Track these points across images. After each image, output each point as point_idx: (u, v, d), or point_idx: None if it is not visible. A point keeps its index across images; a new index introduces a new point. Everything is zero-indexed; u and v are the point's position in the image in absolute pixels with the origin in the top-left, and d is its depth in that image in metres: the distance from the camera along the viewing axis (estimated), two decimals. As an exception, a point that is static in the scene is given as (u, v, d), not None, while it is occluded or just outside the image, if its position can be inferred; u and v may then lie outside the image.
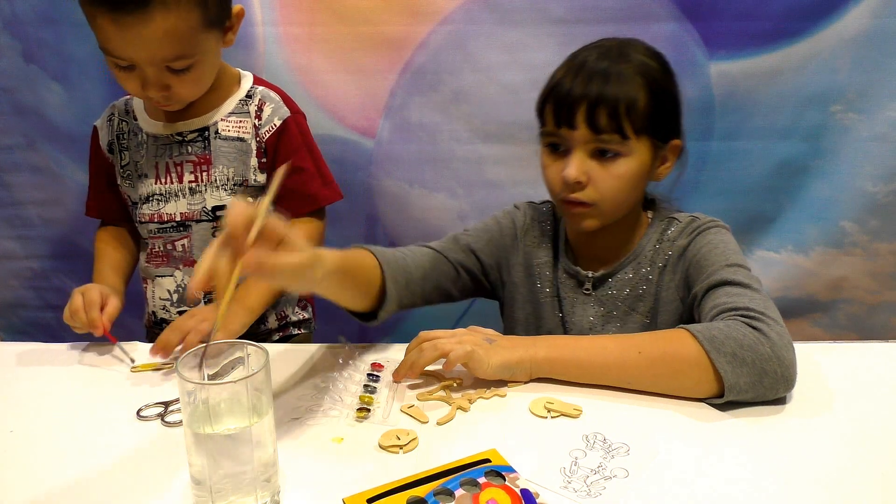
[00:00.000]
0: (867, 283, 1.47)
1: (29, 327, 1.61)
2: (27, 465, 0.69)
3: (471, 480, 0.63)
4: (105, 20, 0.88)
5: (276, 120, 1.06)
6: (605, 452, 0.69)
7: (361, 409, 0.75)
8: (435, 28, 1.35)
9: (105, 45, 0.92)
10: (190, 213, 1.06)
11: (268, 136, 1.06)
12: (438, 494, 0.61)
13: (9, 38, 1.38)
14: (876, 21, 1.31)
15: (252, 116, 1.07)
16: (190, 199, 1.06)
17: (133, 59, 0.92)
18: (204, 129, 1.05)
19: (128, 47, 0.90)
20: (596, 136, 0.89)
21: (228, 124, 1.06)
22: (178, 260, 1.08)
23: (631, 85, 0.89)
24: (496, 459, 0.66)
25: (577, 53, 0.95)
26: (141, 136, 1.07)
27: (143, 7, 0.86)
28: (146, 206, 1.07)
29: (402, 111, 1.41)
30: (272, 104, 1.07)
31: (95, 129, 1.12)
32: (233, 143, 1.05)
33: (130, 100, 1.10)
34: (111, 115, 1.11)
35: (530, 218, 1.08)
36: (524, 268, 1.06)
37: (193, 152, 1.05)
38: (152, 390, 0.82)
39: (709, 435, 0.72)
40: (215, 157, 1.05)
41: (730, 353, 0.74)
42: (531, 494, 0.61)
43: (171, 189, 1.06)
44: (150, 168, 1.06)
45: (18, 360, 0.91)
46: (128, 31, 0.88)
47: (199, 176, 1.06)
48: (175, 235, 1.07)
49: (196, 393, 0.57)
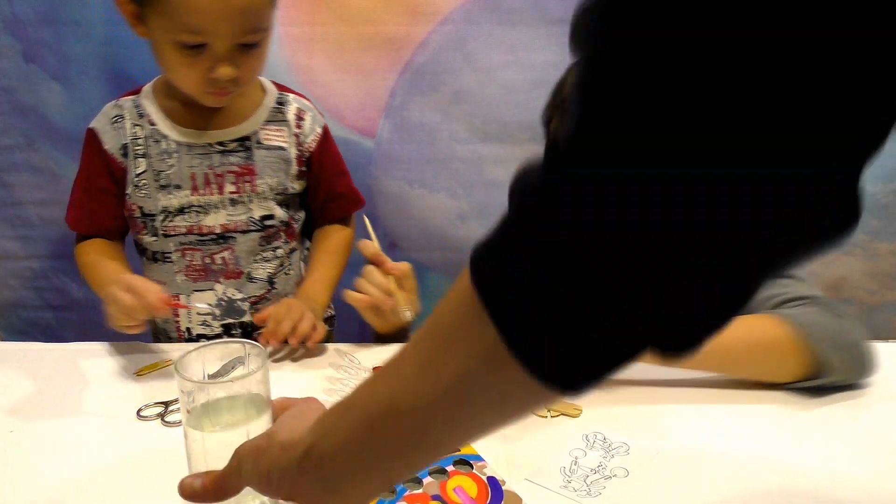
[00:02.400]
0: (867, 283, 1.47)
1: (29, 327, 1.61)
2: (27, 465, 0.69)
3: (439, 469, 0.64)
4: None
5: (317, 129, 1.08)
6: (605, 452, 0.69)
7: None
8: (435, 28, 1.35)
9: (185, 19, 0.86)
10: (232, 224, 1.02)
11: (314, 145, 1.07)
12: (407, 482, 0.63)
13: (9, 38, 1.37)
14: (876, 21, 1.31)
15: (291, 125, 1.05)
16: (231, 209, 1.02)
17: (214, 30, 0.87)
18: (245, 139, 1.02)
19: (213, 17, 0.86)
20: None
21: (269, 133, 1.03)
22: (217, 273, 1.04)
23: None
24: (465, 448, 0.67)
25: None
26: (166, 143, 1.00)
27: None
28: (180, 219, 1.01)
29: (402, 111, 1.41)
30: (311, 112, 1.08)
31: (93, 133, 1.02)
32: (274, 152, 1.03)
33: (140, 102, 1.03)
34: (118, 118, 1.01)
35: None
36: None
37: (235, 162, 1.01)
38: (152, 390, 0.82)
39: (709, 435, 0.72)
40: (259, 168, 1.02)
41: (824, 337, 0.76)
42: (497, 482, 0.62)
43: (210, 200, 1.01)
44: (183, 178, 1.00)
45: (18, 360, 0.91)
46: (221, 6, 0.85)
47: (241, 186, 1.02)
48: (214, 248, 1.03)
49: (194, 392, 0.57)
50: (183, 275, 1.03)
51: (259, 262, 1.05)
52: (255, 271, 1.05)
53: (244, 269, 1.04)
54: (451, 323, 0.36)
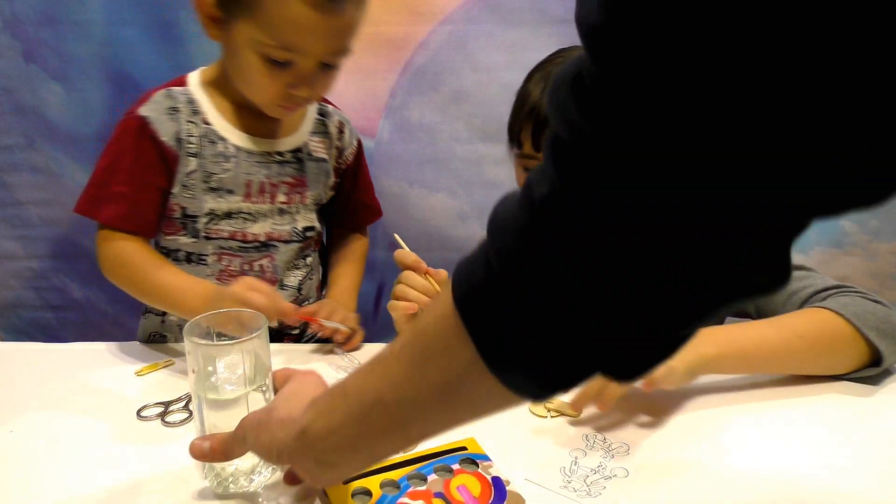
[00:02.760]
0: (867, 283, 1.47)
1: (29, 327, 1.61)
2: (27, 465, 0.69)
3: (445, 467, 0.64)
4: (303, 7, 0.82)
5: (354, 142, 1.09)
6: (605, 452, 0.69)
7: None
8: (435, 28, 1.35)
9: (282, 35, 0.84)
10: (276, 233, 1.01)
11: (351, 158, 1.09)
12: (412, 478, 0.63)
13: (9, 38, 1.37)
14: (876, 21, 1.31)
15: (333, 138, 1.06)
16: (278, 219, 1.01)
17: (308, 49, 0.86)
18: (297, 150, 1.02)
19: (315, 39, 0.86)
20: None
21: (315, 145, 1.04)
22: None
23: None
24: (472, 447, 0.67)
25: (544, 68, 0.94)
26: (223, 146, 0.96)
27: (343, 3, 0.85)
28: (226, 223, 0.98)
29: (402, 111, 1.41)
30: (349, 125, 1.09)
31: (144, 122, 0.93)
32: (319, 164, 1.04)
33: (193, 97, 0.97)
34: (174, 109, 0.94)
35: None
36: None
37: (290, 173, 1.00)
38: (152, 390, 0.82)
39: (709, 435, 0.72)
40: (309, 179, 1.03)
41: (874, 326, 0.77)
42: (502, 482, 0.62)
43: (260, 209, 0.99)
44: (237, 184, 0.97)
45: (18, 360, 0.91)
46: (325, 21, 0.84)
47: (291, 197, 1.01)
48: (255, 255, 1.01)
49: (200, 354, 0.62)
50: (215, 278, 1.00)
51: (292, 271, 1.06)
52: (288, 279, 1.05)
53: (280, 277, 1.04)
54: (435, 334, 0.42)
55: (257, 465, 0.64)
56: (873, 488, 0.63)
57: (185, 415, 0.76)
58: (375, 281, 1.54)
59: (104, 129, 1.41)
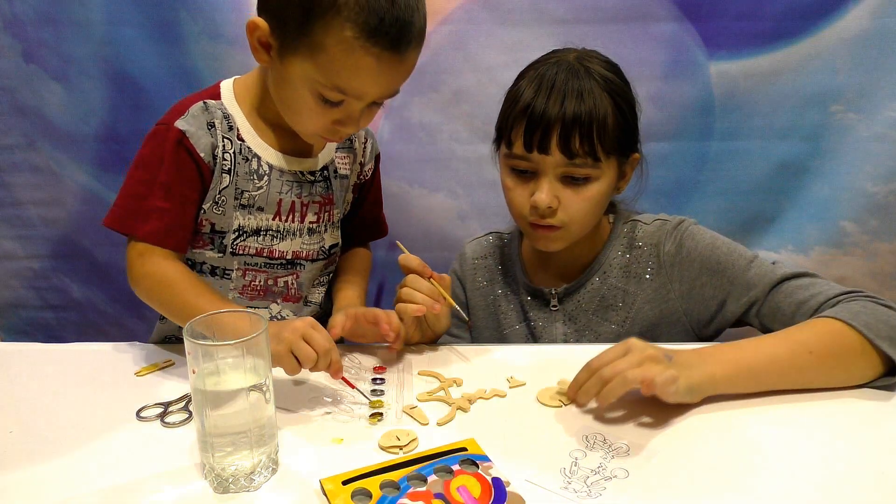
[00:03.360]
0: (867, 283, 1.47)
1: (29, 327, 1.61)
2: (27, 465, 0.69)
3: (445, 467, 0.64)
4: (371, 58, 0.80)
5: (374, 157, 1.08)
6: (605, 452, 0.69)
7: (374, 413, 0.75)
8: (435, 28, 1.35)
9: (341, 81, 0.82)
10: (304, 252, 1.00)
11: (370, 174, 1.08)
12: (412, 479, 0.63)
13: (9, 38, 1.37)
14: (876, 21, 1.31)
15: (358, 153, 1.05)
16: (307, 238, 1.00)
17: (362, 95, 0.85)
18: (324, 168, 1.00)
19: (377, 85, 0.84)
20: (569, 161, 0.88)
21: (340, 162, 1.02)
22: (276, 294, 1.01)
23: (601, 104, 0.88)
24: (473, 448, 0.67)
25: (537, 68, 0.93)
26: (257, 163, 0.93)
27: (407, 46, 0.82)
28: (253, 239, 0.96)
29: (402, 111, 1.41)
30: (372, 139, 1.07)
31: (182, 135, 0.89)
32: (342, 181, 1.03)
33: (227, 111, 0.93)
34: (211, 123, 0.91)
35: (471, 258, 1.09)
36: (483, 308, 1.07)
37: (319, 192, 0.99)
38: (152, 391, 0.82)
39: (709, 435, 0.72)
40: (336, 197, 1.01)
41: (886, 336, 0.76)
42: (502, 483, 0.62)
43: (290, 228, 0.98)
44: (269, 203, 0.95)
45: (18, 360, 0.91)
46: (389, 70, 0.83)
47: (321, 216, 1.00)
48: (281, 272, 1.00)
49: (200, 354, 0.62)
50: (237, 292, 0.99)
51: (316, 287, 1.05)
52: (312, 296, 1.05)
53: (305, 293, 1.04)
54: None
55: (257, 465, 0.64)
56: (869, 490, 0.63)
57: (185, 415, 0.76)
58: (375, 281, 1.54)
59: (104, 129, 1.41)
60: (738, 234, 1.48)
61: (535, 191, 0.90)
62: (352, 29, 0.78)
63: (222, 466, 0.63)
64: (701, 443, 0.70)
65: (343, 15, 0.78)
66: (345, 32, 0.79)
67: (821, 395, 0.78)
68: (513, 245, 1.07)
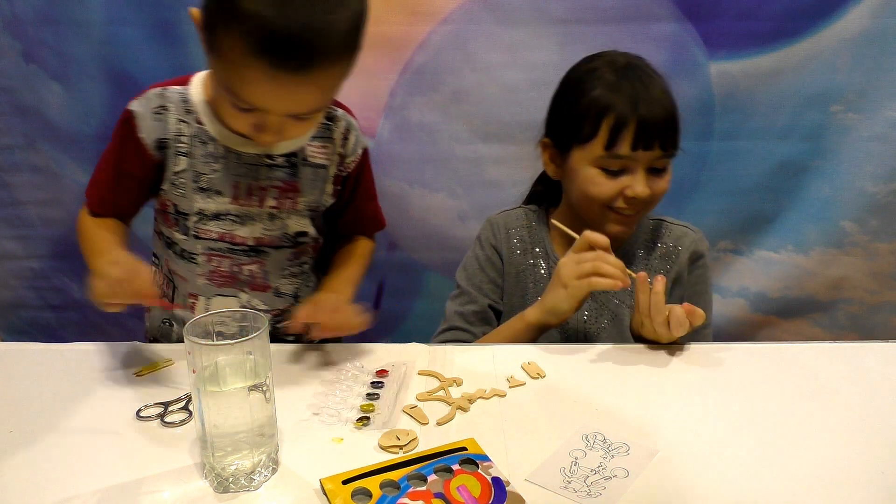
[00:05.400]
0: (867, 283, 1.47)
1: (29, 327, 1.61)
2: (27, 465, 0.69)
3: (445, 467, 0.64)
4: (259, 72, 0.78)
5: (359, 150, 1.05)
6: (605, 452, 0.69)
7: (361, 418, 0.75)
8: (435, 28, 1.35)
9: (244, 94, 0.82)
10: (266, 238, 1.00)
11: (353, 166, 1.04)
12: (412, 479, 0.63)
13: (9, 38, 1.37)
14: (876, 21, 1.31)
15: (337, 143, 1.02)
16: (268, 223, 0.99)
17: (273, 109, 0.84)
18: (291, 154, 0.98)
19: (272, 101, 0.83)
20: (663, 154, 0.96)
21: (314, 150, 1.00)
22: (243, 283, 1.02)
23: (673, 102, 0.97)
24: (472, 448, 0.67)
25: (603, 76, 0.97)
26: (213, 147, 0.95)
27: (307, 66, 0.79)
28: (214, 224, 0.98)
29: (402, 111, 1.41)
30: (356, 132, 1.04)
31: (131, 115, 0.94)
32: (316, 169, 1.01)
33: (189, 96, 0.95)
34: (162, 108, 0.94)
35: (505, 228, 1.11)
36: (514, 276, 1.08)
37: (280, 178, 0.98)
38: (152, 391, 0.82)
39: (709, 435, 0.72)
40: (302, 185, 1.00)
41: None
42: (502, 483, 0.62)
43: (249, 212, 0.98)
44: (225, 185, 0.96)
45: (18, 360, 0.91)
46: (282, 88, 0.80)
47: (282, 202, 0.99)
48: (244, 259, 1.00)
49: (201, 354, 0.62)
50: (205, 278, 1.01)
51: (287, 278, 1.05)
52: (283, 286, 1.05)
53: (272, 283, 1.03)
54: None
55: (257, 465, 0.64)
56: (872, 490, 0.63)
57: (185, 415, 0.76)
58: (375, 281, 1.54)
59: (104, 129, 1.41)
60: (738, 234, 1.49)
61: (627, 183, 0.97)
62: (245, 41, 0.77)
63: (222, 466, 0.63)
64: (701, 442, 0.70)
65: (239, 25, 0.77)
66: (239, 43, 0.77)
67: (821, 395, 0.78)
68: (540, 222, 1.11)
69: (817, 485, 0.64)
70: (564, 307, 0.93)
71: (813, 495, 0.63)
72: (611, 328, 1.04)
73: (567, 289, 0.92)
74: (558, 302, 0.93)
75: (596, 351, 0.90)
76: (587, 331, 1.04)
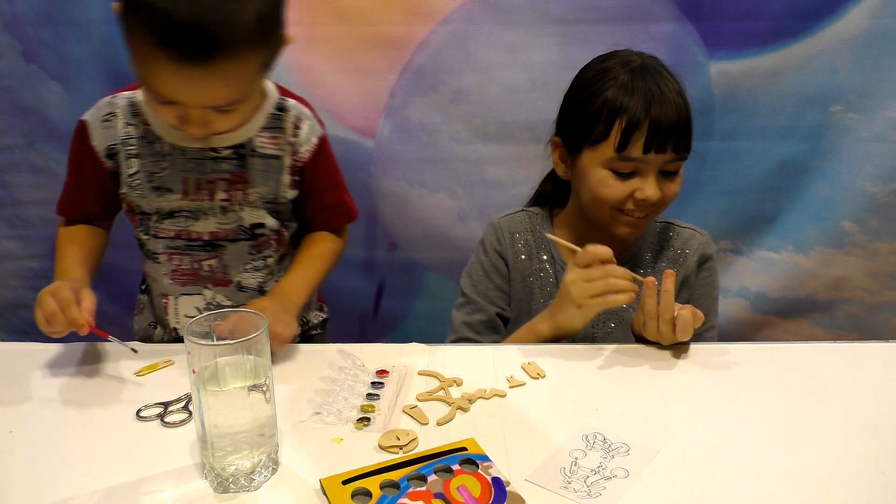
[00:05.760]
0: (867, 283, 1.47)
1: (29, 327, 1.60)
2: (27, 465, 0.69)
3: (445, 467, 0.64)
4: (164, 64, 0.80)
5: (313, 139, 1.03)
6: (605, 452, 0.69)
7: (361, 419, 0.75)
8: (435, 28, 1.35)
9: (154, 86, 0.84)
10: (221, 231, 1.01)
11: (308, 155, 1.03)
12: (412, 479, 0.63)
13: (9, 38, 1.37)
14: (876, 21, 1.31)
15: (288, 134, 1.01)
16: (221, 217, 1.00)
17: (185, 102, 0.85)
18: (239, 146, 0.98)
19: (182, 93, 0.83)
20: (675, 157, 0.95)
21: (264, 140, 0.99)
22: (205, 279, 1.03)
23: (687, 105, 0.96)
24: (472, 448, 0.67)
25: (617, 76, 0.96)
26: (160, 145, 0.97)
27: (211, 57, 0.79)
28: (169, 222, 1.00)
29: (402, 111, 1.41)
30: (308, 121, 1.03)
31: (84, 125, 0.99)
32: (268, 160, 1.00)
33: (137, 100, 0.99)
34: (110, 116, 0.98)
35: (510, 232, 1.09)
36: (520, 282, 1.07)
37: (228, 170, 0.98)
38: (152, 391, 0.82)
39: (709, 435, 0.72)
40: (252, 176, 0.99)
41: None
42: (502, 483, 0.62)
43: (200, 206, 0.99)
44: (175, 182, 0.98)
45: (18, 360, 0.90)
46: (189, 80, 0.81)
47: (232, 194, 0.99)
48: (202, 255, 1.02)
49: (200, 354, 0.62)
50: (169, 278, 1.03)
51: (249, 272, 1.05)
52: (245, 280, 1.05)
53: (233, 277, 1.04)
54: None
55: (257, 465, 0.64)
56: (876, 491, 0.63)
57: (185, 415, 0.76)
58: (375, 281, 1.54)
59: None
60: (738, 234, 1.49)
61: (638, 186, 0.96)
62: (149, 34, 0.78)
63: (222, 466, 0.63)
64: (701, 442, 0.70)
65: (142, 18, 0.78)
66: (144, 36, 0.79)
67: (821, 395, 0.78)
68: (545, 224, 1.09)
69: (817, 485, 0.64)
70: (578, 325, 0.92)
71: (813, 495, 0.63)
72: (617, 332, 1.04)
73: (582, 308, 0.90)
74: (572, 320, 0.92)
75: (596, 351, 0.90)
76: (594, 335, 1.04)
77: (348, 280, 1.52)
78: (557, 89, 1.05)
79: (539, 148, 1.11)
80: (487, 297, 1.07)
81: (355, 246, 1.52)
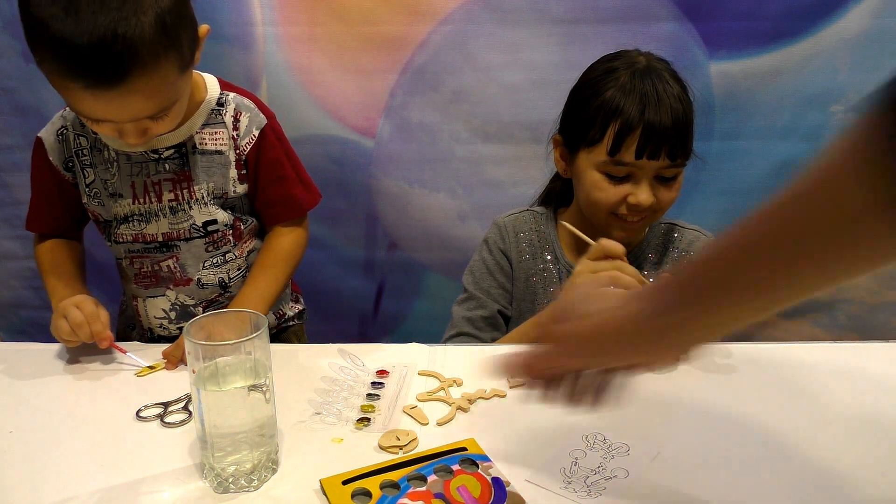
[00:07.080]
0: (867, 283, 1.47)
1: (29, 327, 1.61)
2: (27, 465, 0.69)
3: (445, 467, 0.65)
4: (81, 91, 0.80)
5: (254, 130, 1.01)
6: (605, 452, 0.69)
7: (361, 419, 0.75)
8: (435, 28, 1.35)
9: (78, 109, 0.86)
10: (174, 232, 1.01)
11: (248, 148, 1.01)
12: (412, 479, 0.63)
13: (9, 38, 1.37)
14: (876, 21, 1.31)
15: (229, 127, 1.00)
16: (171, 218, 1.00)
17: (108, 119, 0.85)
18: (181, 145, 0.98)
19: (107, 113, 0.84)
20: (671, 164, 0.94)
21: (205, 137, 0.99)
22: (166, 280, 1.04)
23: (688, 107, 0.95)
24: (472, 448, 0.67)
25: (619, 77, 0.95)
26: (108, 153, 0.98)
27: (122, 78, 0.79)
28: (125, 227, 1.01)
29: (402, 111, 1.41)
30: (248, 113, 1.01)
31: (40, 141, 1.01)
32: (211, 156, 0.99)
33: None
34: (62, 130, 1.00)
35: (514, 231, 1.09)
36: (523, 281, 1.07)
37: (172, 170, 0.98)
38: (151, 391, 0.82)
39: (709, 435, 0.72)
40: (195, 174, 0.99)
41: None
42: (502, 483, 0.62)
43: (150, 209, 1.00)
44: (124, 187, 0.99)
45: (18, 360, 0.91)
46: (108, 102, 0.81)
47: (179, 194, 0.99)
48: (160, 256, 1.02)
49: (201, 354, 0.62)
50: (134, 282, 1.05)
51: (208, 268, 1.04)
52: (206, 277, 1.05)
53: (192, 276, 1.04)
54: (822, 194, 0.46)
55: (257, 465, 0.64)
56: (877, 488, 0.63)
57: (185, 415, 0.76)
58: (375, 281, 1.54)
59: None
60: (738, 234, 1.48)
61: (630, 191, 0.95)
62: (56, 65, 0.79)
63: (222, 466, 0.63)
64: (701, 443, 0.70)
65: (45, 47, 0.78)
66: (50, 65, 0.79)
67: (821, 395, 0.78)
68: (549, 224, 1.09)
69: (817, 485, 0.64)
70: None
71: (813, 495, 0.63)
72: None
73: None
74: None
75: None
76: None
77: (348, 280, 1.53)
78: (557, 89, 1.05)
79: (539, 148, 1.11)
80: (489, 293, 1.07)
81: (355, 246, 1.52)
